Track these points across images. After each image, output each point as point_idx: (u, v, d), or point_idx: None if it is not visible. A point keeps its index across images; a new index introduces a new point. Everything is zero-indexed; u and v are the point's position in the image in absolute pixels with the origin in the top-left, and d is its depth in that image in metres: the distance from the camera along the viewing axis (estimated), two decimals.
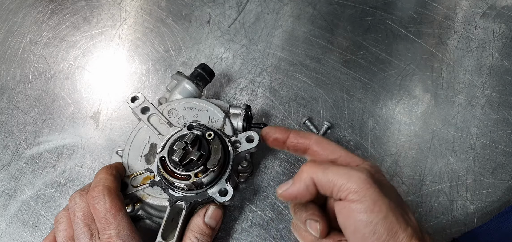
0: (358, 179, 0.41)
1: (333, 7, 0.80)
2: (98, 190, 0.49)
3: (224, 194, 0.53)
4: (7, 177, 0.64)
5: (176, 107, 0.60)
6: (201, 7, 0.81)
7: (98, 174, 0.52)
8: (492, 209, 0.61)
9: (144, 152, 0.57)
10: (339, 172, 0.42)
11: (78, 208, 0.49)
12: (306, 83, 0.72)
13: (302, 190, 0.44)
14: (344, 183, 0.41)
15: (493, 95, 0.70)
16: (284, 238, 0.59)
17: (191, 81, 0.63)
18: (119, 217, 0.48)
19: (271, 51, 0.75)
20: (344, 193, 0.41)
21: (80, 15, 0.80)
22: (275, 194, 0.61)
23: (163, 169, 0.52)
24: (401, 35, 0.77)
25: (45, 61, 0.75)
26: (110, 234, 0.47)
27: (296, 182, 0.44)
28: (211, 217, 0.53)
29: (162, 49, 0.76)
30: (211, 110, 0.60)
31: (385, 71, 0.73)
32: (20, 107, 0.70)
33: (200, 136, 0.54)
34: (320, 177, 0.43)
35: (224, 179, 0.53)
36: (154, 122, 0.59)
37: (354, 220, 0.40)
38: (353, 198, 0.40)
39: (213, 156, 0.52)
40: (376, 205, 0.39)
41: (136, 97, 0.60)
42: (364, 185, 0.40)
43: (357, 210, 0.40)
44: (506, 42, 0.76)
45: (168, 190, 0.53)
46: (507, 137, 0.66)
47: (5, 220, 0.61)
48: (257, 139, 0.55)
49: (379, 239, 0.39)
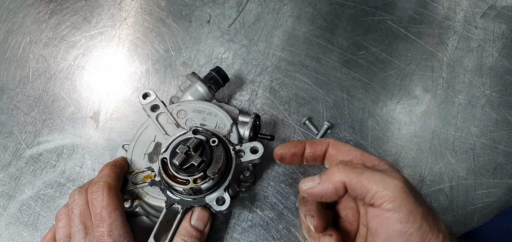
0: (395, 188, 0.39)
1: (333, 7, 0.80)
2: (98, 185, 0.49)
3: (221, 203, 0.52)
4: (7, 177, 0.64)
5: (186, 108, 0.60)
6: (201, 7, 0.81)
7: (103, 169, 0.52)
8: (492, 209, 0.61)
9: (148, 150, 0.57)
10: (375, 177, 0.41)
11: (76, 205, 0.50)
12: (306, 83, 0.72)
13: (330, 191, 0.42)
14: (379, 190, 0.40)
15: (493, 95, 0.70)
16: (284, 238, 0.59)
17: (204, 84, 0.62)
18: (113, 215, 0.48)
19: (271, 51, 0.75)
20: (378, 200, 0.40)
21: (80, 15, 0.80)
22: (275, 194, 0.61)
23: (164, 170, 0.52)
24: (401, 35, 0.77)
25: (45, 61, 0.75)
26: (102, 232, 0.47)
27: (325, 182, 0.43)
28: (198, 219, 0.52)
29: (162, 49, 0.76)
30: (219, 116, 0.59)
31: (385, 71, 0.73)
32: (20, 107, 0.70)
33: (204, 141, 0.53)
34: (353, 181, 0.41)
35: (223, 187, 0.53)
36: (162, 121, 0.59)
37: (388, 228, 0.39)
38: (388, 207, 0.39)
39: (214, 164, 0.52)
40: (411, 215, 0.39)
41: (148, 94, 0.60)
42: (400, 194, 0.39)
43: (392, 219, 0.39)
44: (506, 42, 0.76)
45: (166, 191, 0.53)
46: (507, 137, 0.66)
47: (5, 220, 0.61)
48: (262, 150, 0.54)
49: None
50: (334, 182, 0.42)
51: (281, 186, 0.62)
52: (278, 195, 0.62)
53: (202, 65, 0.74)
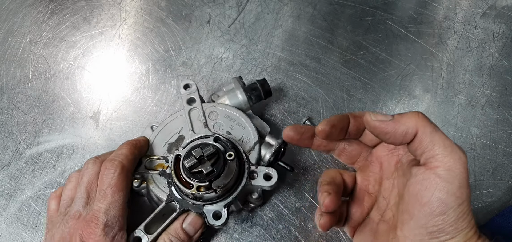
0: (458, 160, 0.39)
1: (333, 7, 0.80)
2: (113, 163, 0.50)
3: (217, 218, 0.51)
4: (7, 177, 0.64)
5: (219, 111, 0.60)
6: (201, 7, 0.81)
7: (122, 147, 0.53)
8: (492, 209, 0.61)
9: (171, 139, 0.58)
10: (446, 141, 0.39)
11: (87, 174, 0.52)
12: (306, 83, 0.72)
13: (399, 132, 0.41)
14: (443, 155, 0.39)
15: (493, 95, 0.70)
16: (284, 238, 0.59)
17: (245, 92, 0.61)
18: (116, 196, 0.49)
19: (271, 51, 0.75)
20: (435, 163, 0.39)
21: (80, 15, 0.80)
22: (275, 194, 0.61)
23: (175, 167, 0.52)
24: (401, 35, 0.77)
25: (45, 61, 0.75)
26: (100, 207, 0.48)
27: (398, 122, 0.41)
28: (190, 224, 0.51)
29: (162, 49, 0.76)
30: (247, 129, 0.58)
31: (385, 71, 0.73)
32: (20, 107, 0.70)
33: (220, 151, 0.52)
34: (427, 133, 0.40)
35: (224, 203, 0.51)
36: (193, 116, 0.59)
37: (432, 194, 0.39)
38: (442, 174, 0.39)
39: (223, 177, 0.51)
40: (459, 191, 0.38)
41: (189, 85, 0.61)
42: (459, 168, 0.38)
43: (440, 186, 0.38)
44: (506, 42, 0.76)
45: (171, 187, 0.53)
46: (507, 137, 0.66)
47: (4, 220, 0.61)
48: (275, 179, 0.52)
49: (445, 221, 0.39)
50: (409, 126, 0.41)
51: (281, 186, 0.62)
52: (278, 195, 0.62)
53: (202, 65, 0.74)
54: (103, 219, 0.47)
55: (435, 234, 0.39)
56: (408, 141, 0.41)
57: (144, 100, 0.70)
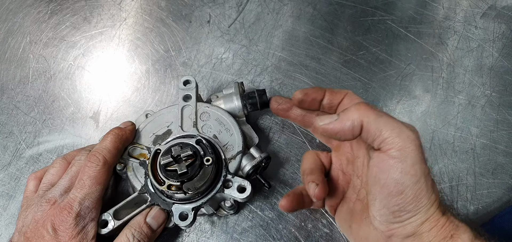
0: (407, 138, 0.39)
1: (333, 7, 0.80)
2: (96, 157, 0.51)
3: (183, 219, 0.51)
4: (7, 177, 0.64)
5: (211, 113, 0.59)
6: (201, 7, 0.81)
7: (107, 137, 0.54)
8: (492, 209, 0.61)
9: (159, 131, 0.58)
10: (392, 123, 0.40)
11: (78, 165, 0.53)
12: (306, 83, 0.72)
13: (347, 128, 0.42)
14: (391, 137, 0.40)
15: (493, 95, 0.70)
16: (284, 238, 0.59)
17: (241, 99, 0.60)
18: (93, 188, 0.50)
19: (271, 51, 0.75)
20: (387, 146, 0.40)
21: (80, 15, 0.80)
22: (275, 194, 0.61)
23: (152, 160, 0.52)
24: (401, 35, 0.77)
25: (45, 61, 0.75)
26: (76, 196, 0.49)
27: (343, 119, 0.42)
28: (153, 218, 0.51)
29: (162, 49, 0.76)
30: (234, 137, 0.57)
31: (385, 71, 0.73)
32: (20, 107, 0.70)
33: (199, 154, 0.52)
34: (371, 121, 0.41)
35: (193, 206, 0.51)
36: (185, 113, 0.59)
37: (388, 176, 0.40)
38: (394, 155, 0.40)
39: (196, 181, 0.50)
40: (412, 169, 0.39)
41: (189, 81, 0.61)
42: (409, 146, 0.39)
43: (394, 167, 0.39)
44: (506, 42, 0.76)
45: (147, 179, 0.53)
46: (507, 137, 0.66)
47: (5, 220, 0.61)
48: (248, 193, 0.51)
49: (404, 200, 0.39)
50: (353, 119, 0.42)
51: (281, 186, 0.62)
52: (278, 195, 0.62)
53: (202, 65, 0.74)
54: (76, 208, 0.48)
55: (397, 214, 0.40)
56: (358, 134, 0.42)
57: (144, 101, 0.70)
